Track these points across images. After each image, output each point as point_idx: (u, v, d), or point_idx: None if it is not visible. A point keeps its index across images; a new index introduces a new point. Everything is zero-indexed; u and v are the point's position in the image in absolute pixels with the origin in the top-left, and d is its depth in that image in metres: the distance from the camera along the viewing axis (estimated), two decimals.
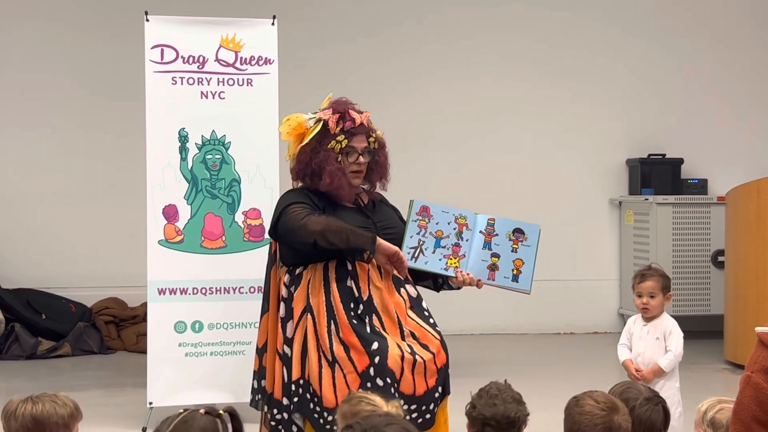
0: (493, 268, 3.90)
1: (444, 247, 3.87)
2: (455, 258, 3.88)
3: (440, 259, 3.86)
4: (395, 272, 3.78)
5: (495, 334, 8.30)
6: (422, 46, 8.42)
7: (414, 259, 3.83)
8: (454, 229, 3.90)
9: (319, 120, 3.92)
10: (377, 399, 2.98)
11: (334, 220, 3.73)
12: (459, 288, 3.97)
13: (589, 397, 2.77)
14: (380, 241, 3.73)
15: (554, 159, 8.48)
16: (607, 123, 8.54)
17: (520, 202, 8.04)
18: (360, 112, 3.96)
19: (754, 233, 6.76)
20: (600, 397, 2.78)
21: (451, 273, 3.88)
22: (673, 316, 8.73)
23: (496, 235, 3.92)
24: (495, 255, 3.91)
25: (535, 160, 8.46)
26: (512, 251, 3.92)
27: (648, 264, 4.61)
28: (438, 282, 4.05)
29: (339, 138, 3.88)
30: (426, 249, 3.85)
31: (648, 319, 4.38)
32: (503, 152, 8.43)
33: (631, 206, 8.35)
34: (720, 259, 7.70)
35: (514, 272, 3.92)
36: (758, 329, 2.17)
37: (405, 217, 3.99)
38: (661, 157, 8.34)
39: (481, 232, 3.92)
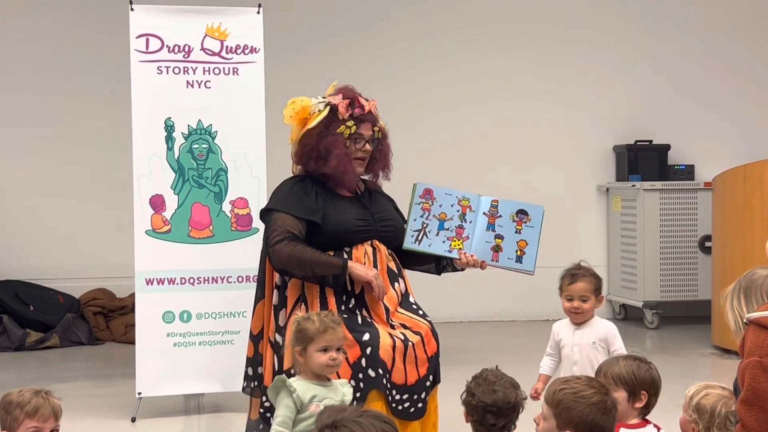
0: (496, 249, 3.91)
1: (448, 229, 3.88)
2: (459, 240, 3.89)
3: (444, 242, 3.87)
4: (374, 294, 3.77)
5: (484, 322, 8.31)
6: (409, 35, 8.40)
7: (418, 242, 3.85)
8: (458, 211, 3.90)
9: (327, 104, 3.92)
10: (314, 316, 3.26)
11: (300, 251, 3.70)
12: (462, 269, 3.98)
13: (584, 385, 2.61)
14: (353, 268, 3.72)
15: (541, 146, 8.47)
16: (594, 109, 8.54)
17: (508, 189, 8.03)
18: (367, 100, 3.97)
19: (740, 218, 6.77)
20: (590, 382, 2.66)
21: (454, 255, 3.89)
22: (662, 302, 8.69)
23: (500, 216, 3.93)
24: (499, 236, 3.92)
25: (522, 146, 8.45)
26: (516, 232, 3.93)
27: (577, 263, 4.01)
28: (440, 265, 4.05)
29: (348, 123, 3.88)
30: (429, 232, 3.86)
31: (578, 324, 3.89)
32: (490, 139, 8.43)
33: (618, 192, 8.36)
34: (707, 244, 7.72)
35: (518, 253, 3.93)
36: (750, 316, 2.15)
37: (402, 206, 3.99)
38: (648, 143, 8.35)
39: (484, 213, 3.92)
